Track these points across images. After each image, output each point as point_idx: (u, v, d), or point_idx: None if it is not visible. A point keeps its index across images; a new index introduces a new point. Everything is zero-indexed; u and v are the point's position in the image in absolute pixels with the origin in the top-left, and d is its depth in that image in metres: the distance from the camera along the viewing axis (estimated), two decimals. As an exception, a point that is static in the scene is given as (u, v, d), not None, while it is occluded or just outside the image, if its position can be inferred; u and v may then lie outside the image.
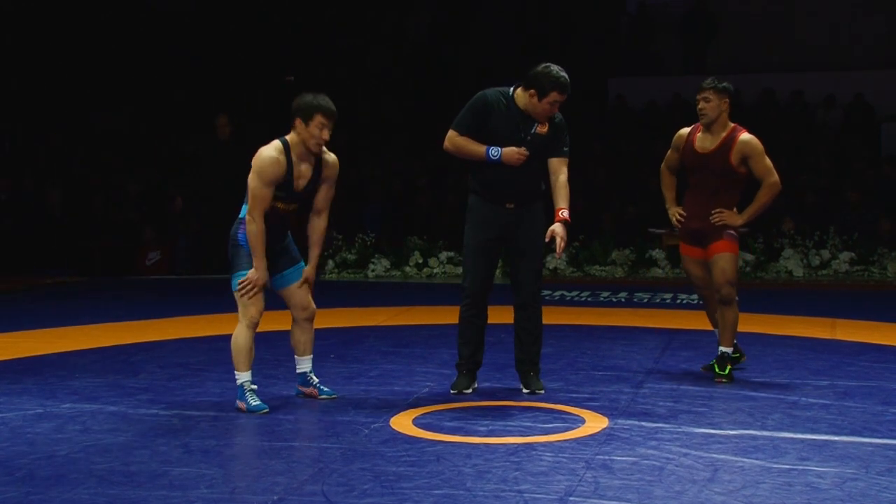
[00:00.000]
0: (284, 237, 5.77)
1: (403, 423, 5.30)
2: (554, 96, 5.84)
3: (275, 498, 4.13)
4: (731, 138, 6.32)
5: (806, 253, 12.21)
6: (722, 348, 6.32)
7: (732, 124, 6.38)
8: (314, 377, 5.93)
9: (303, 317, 5.85)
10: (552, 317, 9.00)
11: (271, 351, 7.25)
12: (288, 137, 5.58)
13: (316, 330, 5.91)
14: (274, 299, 5.90)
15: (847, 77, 16.17)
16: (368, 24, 18.19)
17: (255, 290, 5.53)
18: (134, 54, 16.78)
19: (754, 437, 5.00)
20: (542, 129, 5.98)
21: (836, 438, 4.97)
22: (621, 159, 15.09)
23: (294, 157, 5.55)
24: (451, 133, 6.02)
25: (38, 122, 15.82)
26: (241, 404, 5.60)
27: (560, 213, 6.00)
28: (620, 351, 7.17)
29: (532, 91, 5.90)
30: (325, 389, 5.93)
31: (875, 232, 12.45)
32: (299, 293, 5.80)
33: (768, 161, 6.34)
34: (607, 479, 4.35)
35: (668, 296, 10.42)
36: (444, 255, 12.62)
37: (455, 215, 7.15)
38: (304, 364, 5.92)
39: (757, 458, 4.64)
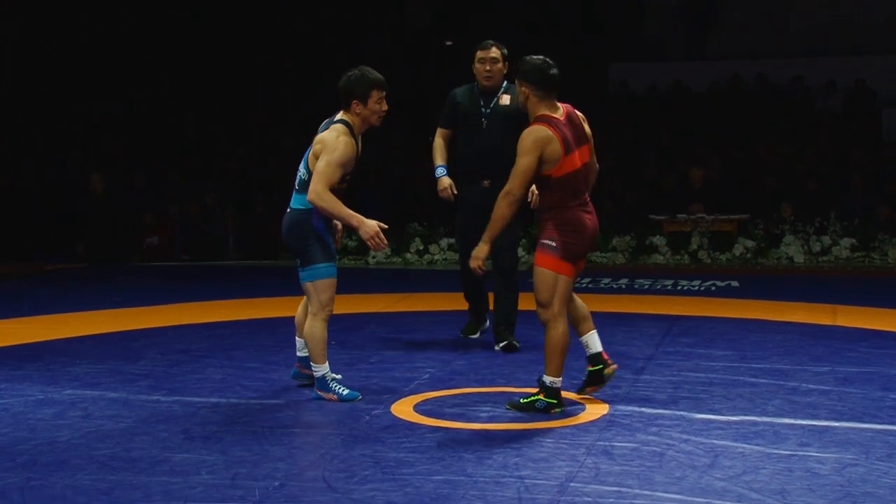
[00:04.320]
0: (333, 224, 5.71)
1: (404, 409, 5.31)
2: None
3: (276, 483, 4.14)
4: None
5: (806, 239, 12.20)
6: (544, 377, 5.28)
7: (543, 114, 5.23)
8: None
9: None
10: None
11: (272, 337, 7.26)
12: (346, 118, 5.55)
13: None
14: (272, 287, 5.89)
15: (848, 62, 16.14)
16: (369, 11, 18.15)
17: (381, 237, 5.42)
18: (132, 42, 16.75)
19: (755, 423, 5.00)
20: (504, 101, 6.92)
21: (837, 424, 4.98)
22: (622, 145, 15.08)
23: (357, 137, 5.57)
24: (437, 130, 7.20)
25: (36, 110, 15.79)
26: (329, 395, 5.49)
27: None
28: (621, 337, 7.17)
29: None
30: None
31: (876, 218, 12.44)
32: None
33: (522, 163, 5.16)
34: (608, 465, 4.35)
35: (668, 282, 10.41)
36: (444, 242, 12.61)
37: (455, 202, 7.29)
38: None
39: (757, 444, 4.65)
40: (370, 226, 5.42)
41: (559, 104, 5.30)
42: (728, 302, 9.18)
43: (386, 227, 5.50)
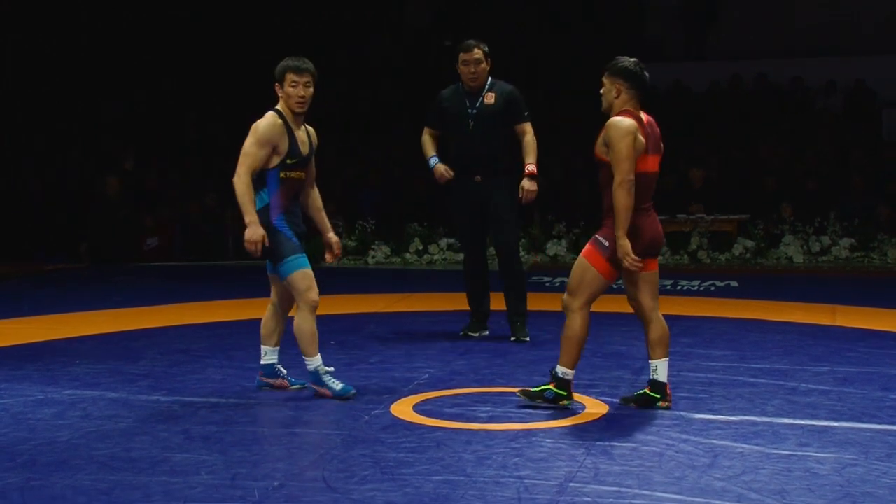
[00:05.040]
0: (300, 217, 5.70)
1: (404, 409, 5.31)
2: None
3: (275, 484, 4.14)
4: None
5: (806, 239, 12.21)
6: (557, 367, 5.33)
7: (627, 109, 5.29)
8: (282, 368, 5.85)
9: (288, 308, 5.76)
10: (552, 303, 8.98)
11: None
12: (278, 106, 5.63)
13: (317, 316, 5.85)
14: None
15: (848, 63, 16.15)
16: (369, 10, 18.15)
17: (258, 247, 5.40)
18: (132, 43, 16.75)
19: (754, 423, 5.01)
20: (489, 99, 7.10)
21: (836, 424, 4.98)
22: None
23: (290, 124, 5.57)
24: (425, 129, 7.34)
25: (36, 110, 15.80)
26: (322, 390, 5.51)
27: (527, 167, 7.02)
28: (620, 337, 7.18)
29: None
30: (295, 380, 5.85)
31: (875, 218, 12.44)
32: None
33: (622, 149, 5.13)
34: (607, 465, 4.36)
35: (668, 282, 10.41)
36: (444, 242, 12.61)
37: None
38: (274, 356, 5.80)
39: (756, 444, 4.65)
40: (255, 232, 5.40)
41: (643, 111, 5.39)
42: (727, 302, 9.19)
43: (267, 245, 5.44)
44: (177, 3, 17.06)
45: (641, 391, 5.39)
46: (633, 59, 5.38)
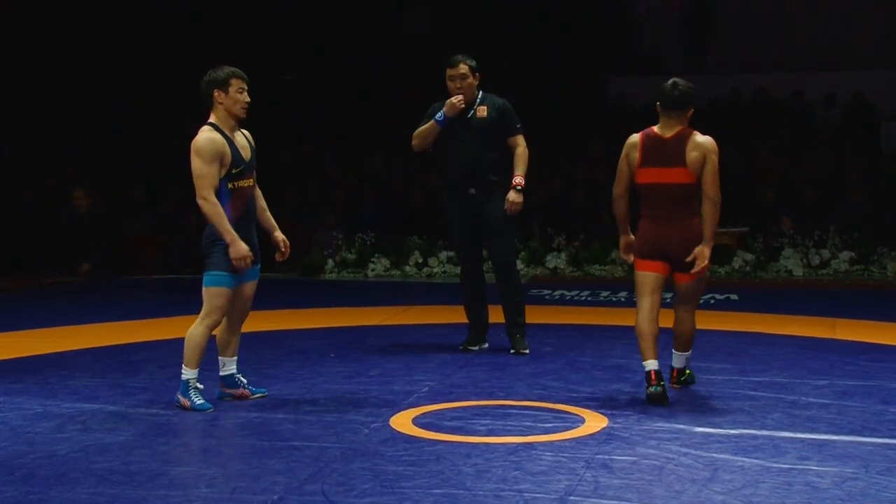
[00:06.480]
0: (253, 225, 5.74)
1: (403, 422, 5.31)
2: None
3: (274, 497, 4.14)
4: None
5: (805, 252, 12.20)
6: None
7: (653, 126, 5.97)
8: (242, 378, 5.89)
9: (241, 318, 5.84)
10: (552, 316, 9.01)
11: (272, 350, 7.25)
12: (211, 119, 5.65)
13: (317, 329, 5.88)
14: (271, 300, 5.88)
15: (847, 76, 16.17)
16: (367, 21, 18.17)
17: (248, 261, 5.51)
18: (133, 53, 16.77)
19: (754, 437, 5.00)
20: (481, 111, 7.10)
21: (836, 438, 4.98)
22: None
23: (227, 134, 5.61)
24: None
25: (37, 120, 15.80)
26: (184, 401, 5.59)
27: (514, 179, 7.05)
28: (620, 350, 7.17)
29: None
30: (255, 389, 5.90)
31: (875, 231, 12.43)
32: (247, 294, 5.78)
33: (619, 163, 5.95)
34: (607, 479, 4.35)
35: (668, 295, 10.39)
36: (444, 255, 12.61)
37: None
38: (232, 366, 5.86)
39: (756, 458, 4.64)
40: (240, 249, 5.50)
41: (681, 125, 5.80)
42: (727, 315, 9.18)
43: (251, 256, 5.52)
44: (177, 3, 17.05)
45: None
46: (672, 80, 5.83)
